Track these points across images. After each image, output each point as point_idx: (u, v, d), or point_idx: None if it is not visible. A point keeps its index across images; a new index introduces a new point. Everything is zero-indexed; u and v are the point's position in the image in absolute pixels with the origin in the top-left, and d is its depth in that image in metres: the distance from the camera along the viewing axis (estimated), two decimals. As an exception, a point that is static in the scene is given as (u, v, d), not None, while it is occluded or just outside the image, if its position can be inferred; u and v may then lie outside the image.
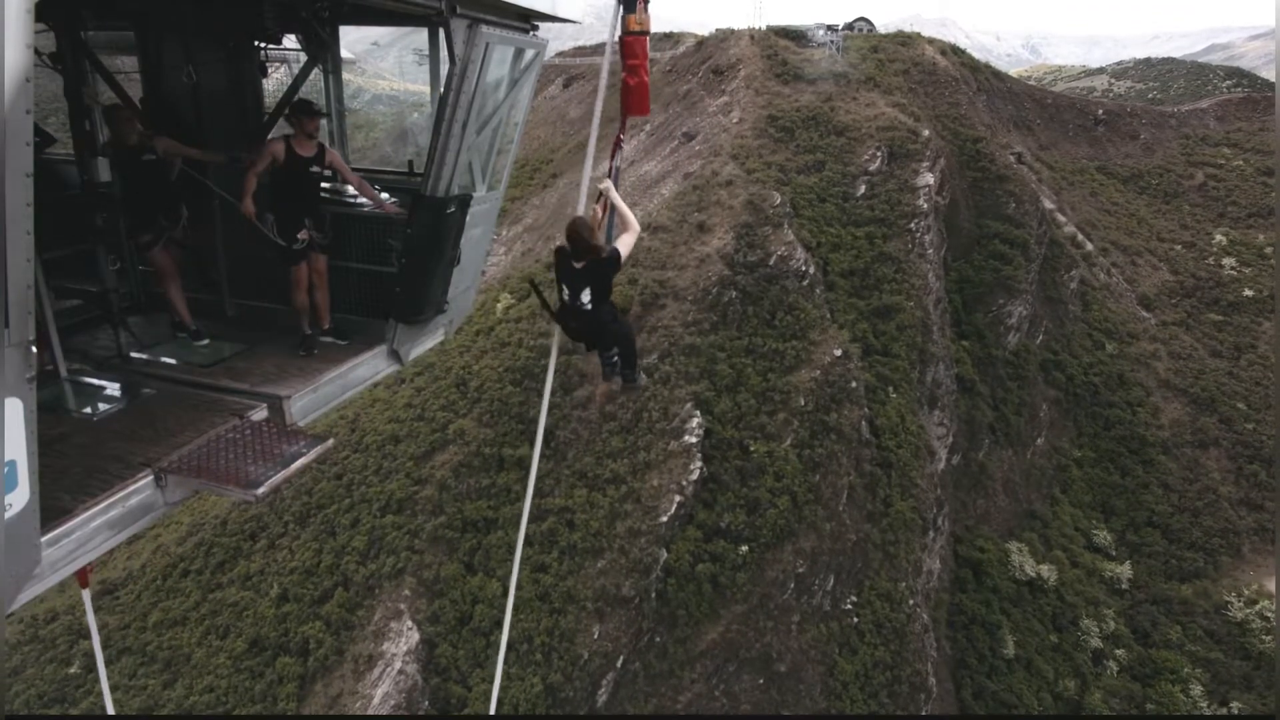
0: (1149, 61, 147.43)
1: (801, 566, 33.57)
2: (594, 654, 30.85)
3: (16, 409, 3.36)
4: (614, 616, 31.44)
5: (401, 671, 30.84)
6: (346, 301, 7.62)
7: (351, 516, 36.23)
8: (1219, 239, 69.02)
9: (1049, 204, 63.58)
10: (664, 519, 33.28)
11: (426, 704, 30.53)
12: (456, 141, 6.54)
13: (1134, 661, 41.57)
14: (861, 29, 78.19)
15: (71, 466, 4.83)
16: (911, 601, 35.88)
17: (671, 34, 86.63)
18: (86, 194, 6.56)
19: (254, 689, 31.81)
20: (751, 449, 35.70)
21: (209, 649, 33.60)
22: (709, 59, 66.50)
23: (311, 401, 6.46)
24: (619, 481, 34.53)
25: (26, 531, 3.68)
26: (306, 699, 31.40)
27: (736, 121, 54.10)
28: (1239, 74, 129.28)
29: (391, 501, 36.05)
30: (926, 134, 52.77)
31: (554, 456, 36.30)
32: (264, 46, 7.80)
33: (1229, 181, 75.80)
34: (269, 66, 7.92)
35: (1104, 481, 51.43)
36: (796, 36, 68.88)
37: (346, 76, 8.18)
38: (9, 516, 3.45)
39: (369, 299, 7.64)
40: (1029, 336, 53.55)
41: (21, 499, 3.52)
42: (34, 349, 3.41)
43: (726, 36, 69.74)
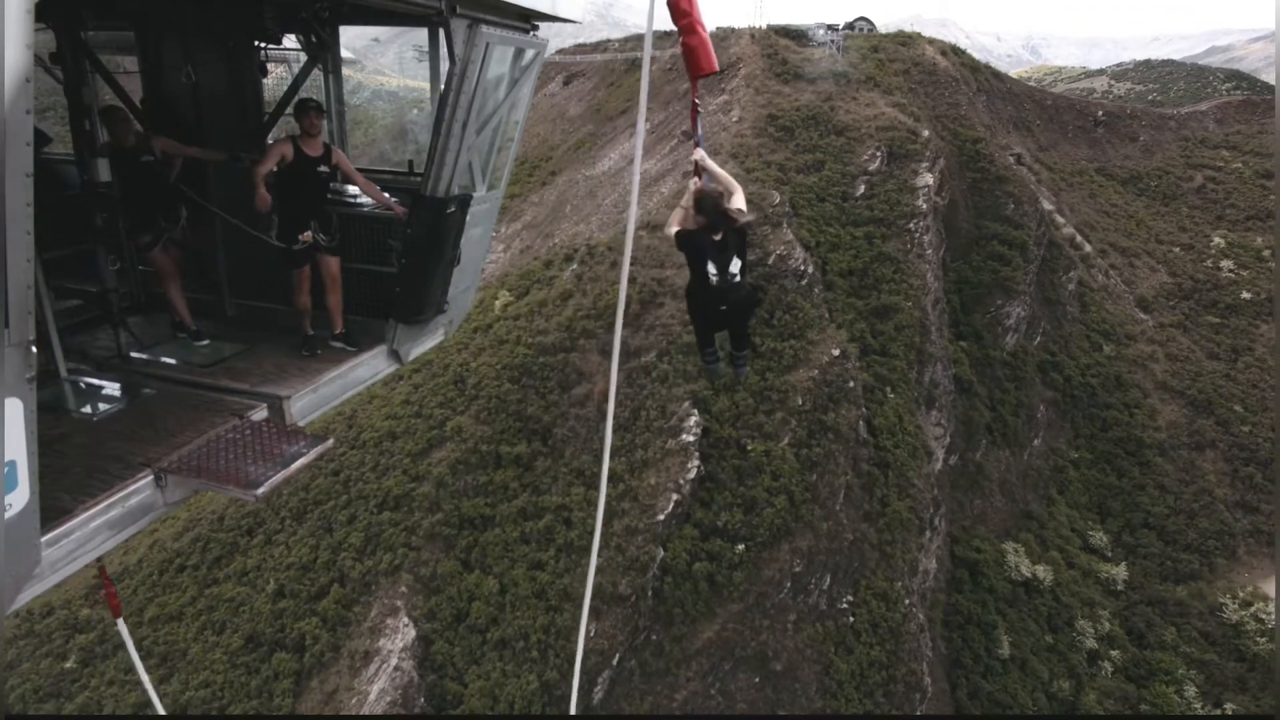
0: (1149, 63, 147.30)
1: (798, 566, 33.61)
2: (590, 651, 30.87)
3: (16, 409, 3.37)
4: (610, 614, 31.47)
5: (397, 668, 30.84)
6: (346, 301, 7.62)
7: (349, 513, 36.22)
8: (1217, 241, 69.11)
9: (1048, 205, 63.64)
10: (661, 517, 33.31)
11: (422, 700, 30.54)
12: (456, 141, 6.53)
13: (1129, 662, 41.65)
14: (862, 29, 78.13)
15: (71, 466, 4.83)
16: (907, 601, 35.93)
17: (672, 32, 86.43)
18: (86, 194, 6.54)
19: (250, 684, 31.80)
20: (749, 448, 35.72)
21: (205, 644, 33.57)
22: (709, 58, 66.32)
23: (311, 401, 6.46)
24: (616, 480, 34.53)
25: (26, 531, 3.68)
26: (302, 695, 31.40)
27: (736, 120, 54.09)
28: (1239, 76, 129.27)
29: (389, 498, 36.04)
30: (926, 134, 52.79)
31: (551, 454, 36.32)
32: (264, 46, 7.79)
33: (1228, 184, 75.89)
34: (269, 66, 7.91)
35: (1100, 483, 51.51)
36: (797, 36, 68.86)
37: (346, 73, 8.18)
38: (9, 516, 3.45)
39: (369, 299, 7.62)
40: (1027, 337, 53.59)
41: (21, 499, 3.52)
42: (34, 349, 3.42)
43: (727, 35, 69.65)
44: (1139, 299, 63.49)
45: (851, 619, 34.36)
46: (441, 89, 6.53)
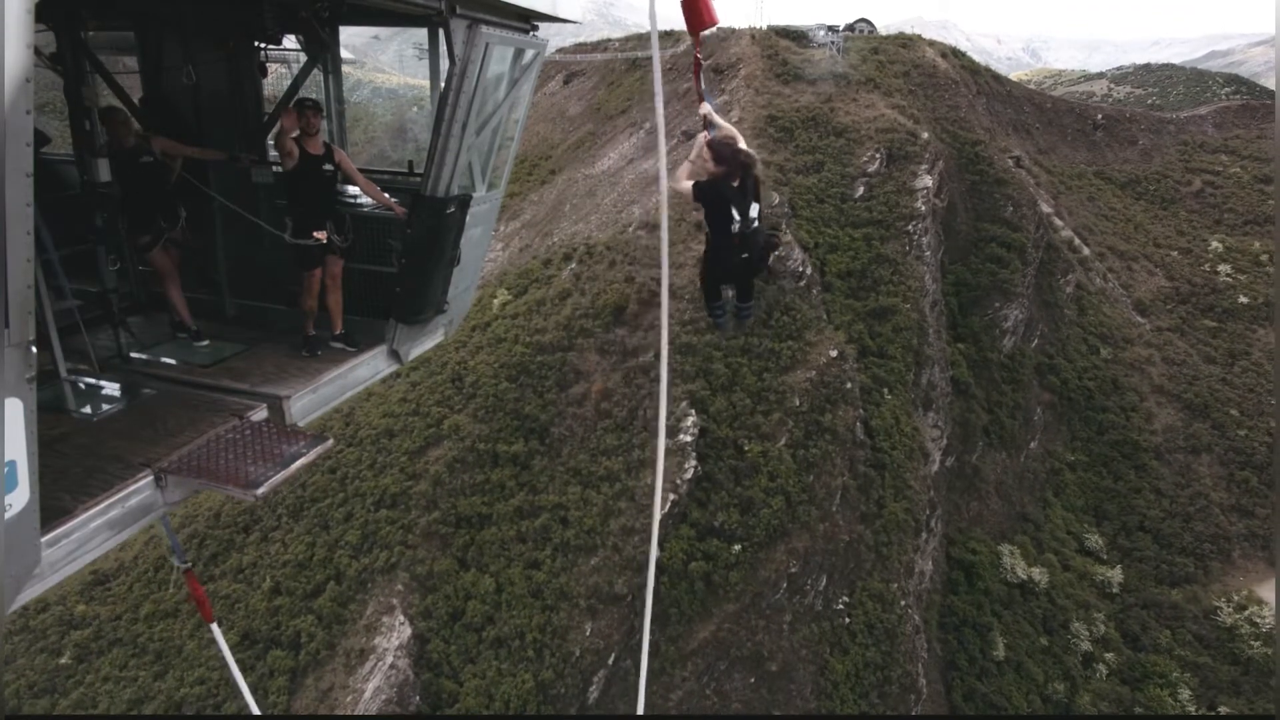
0: (1149, 67, 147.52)
1: (794, 566, 33.64)
2: (586, 651, 30.90)
3: (16, 409, 3.37)
4: (606, 614, 31.50)
5: (393, 666, 30.83)
6: (346, 301, 7.63)
7: (345, 510, 36.21)
8: (1215, 245, 69.21)
9: (1047, 208, 63.68)
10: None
11: (418, 699, 30.54)
12: (456, 141, 6.54)
13: (1123, 665, 41.74)
14: (862, 30, 78.19)
15: (71, 466, 4.84)
16: (903, 602, 35.97)
17: (672, 32, 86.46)
18: (86, 194, 6.55)
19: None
20: (746, 449, 35.75)
21: (200, 641, 33.55)
22: (709, 58, 66.43)
23: (311, 401, 6.47)
24: (613, 479, 34.56)
25: (26, 531, 3.68)
26: (298, 692, 31.40)
27: (736, 121, 54.02)
28: (1238, 81, 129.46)
29: (385, 496, 36.03)
30: (926, 136, 52.82)
31: (548, 453, 36.33)
32: (264, 46, 7.79)
33: (1226, 188, 76.00)
34: (269, 66, 7.91)
35: (1096, 486, 51.59)
36: (797, 37, 68.84)
37: (345, 70, 8.18)
38: (9, 516, 3.46)
39: (369, 299, 7.63)
40: (1024, 340, 53.65)
41: (21, 499, 3.53)
42: (34, 349, 3.42)
43: (727, 35, 69.64)
44: (1136, 302, 63.57)
45: (847, 620, 34.41)
46: (441, 89, 6.54)
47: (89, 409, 5.79)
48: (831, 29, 72.11)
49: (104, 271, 6.65)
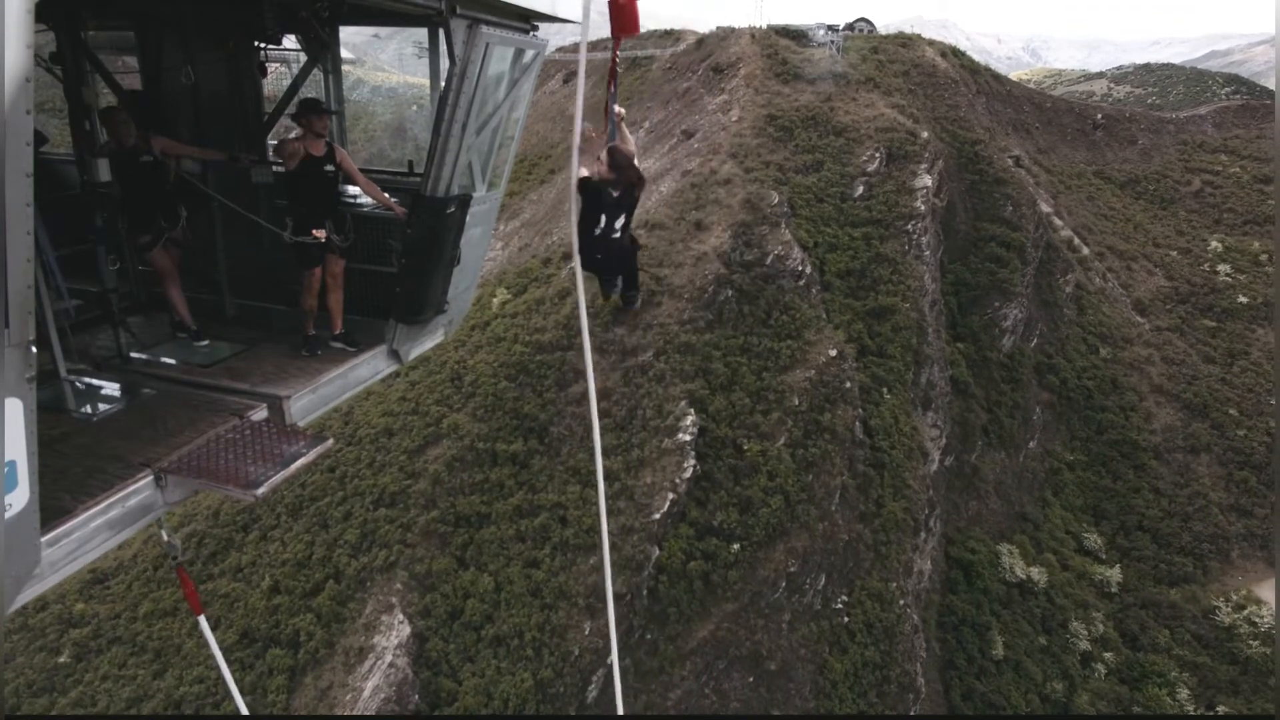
0: (1149, 67, 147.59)
1: (793, 566, 33.65)
2: (585, 650, 30.90)
3: (16, 409, 3.36)
4: (605, 613, 31.44)
5: (392, 665, 30.84)
6: (346, 301, 7.63)
7: (344, 509, 36.21)
8: (1214, 245, 69.30)
9: (1046, 208, 63.72)
10: (656, 516, 33.33)
11: (416, 698, 30.55)
12: (456, 141, 6.52)
13: (1122, 665, 41.80)
14: (862, 29, 78.19)
15: (71, 466, 4.83)
16: (902, 602, 36.00)
17: (672, 31, 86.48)
18: (86, 194, 6.54)
19: (244, 680, 31.77)
20: (745, 448, 35.76)
21: (199, 640, 33.54)
22: (709, 57, 66.41)
23: (311, 401, 6.47)
24: (612, 478, 34.54)
25: (26, 531, 3.68)
26: (297, 691, 31.40)
27: (735, 120, 54.05)
28: (1238, 81, 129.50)
29: (384, 495, 36.03)
30: (925, 136, 52.82)
31: (547, 452, 36.33)
32: (264, 46, 7.78)
33: (1225, 188, 76.09)
34: (269, 66, 7.91)
35: (1095, 485, 51.64)
36: (797, 36, 68.81)
37: (345, 69, 8.17)
38: (9, 516, 3.45)
39: (369, 299, 7.62)
40: (1024, 339, 53.68)
41: (21, 499, 3.53)
42: (34, 349, 3.42)
43: (727, 35, 69.66)
44: (1136, 302, 63.63)
45: (846, 619, 34.43)
46: (441, 89, 6.53)
47: (89, 409, 5.79)
48: (831, 28, 72.07)
49: (104, 271, 6.64)
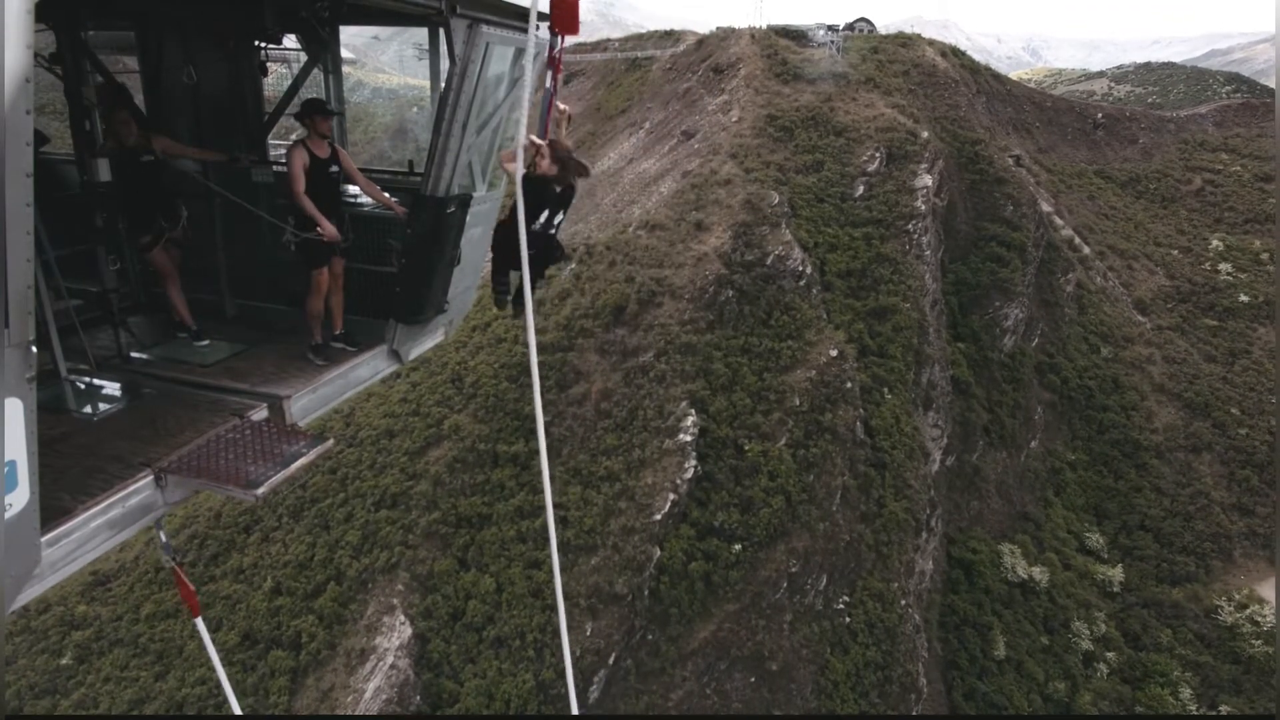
0: (1149, 66, 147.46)
1: (794, 566, 33.64)
2: (586, 651, 30.89)
3: (16, 409, 3.36)
4: (607, 614, 31.49)
5: (394, 666, 30.85)
6: (346, 301, 7.62)
7: (345, 511, 36.22)
8: (1215, 244, 69.24)
9: (1047, 207, 63.70)
10: (658, 517, 33.32)
11: (418, 699, 30.55)
12: (456, 141, 6.53)
13: (1124, 664, 41.76)
14: (862, 29, 78.16)
15: (71, 466, 4.82)
16: (903, 602, 35.98)
17: (672, 31, 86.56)
18: (86, 194, 6.54)
19: (246, 682, 31.79)
20: (746, 448, 35.75)
21: (201, 642, 33.52)
22: (709, 57, 66.43)
23: (311, 401, 6.46)
24: (613, 479, 34.56)
25: (26, 531, 3.68)
26: (298, 693, 31.40)
27: (736, 120, 54.06)
28: (1238, 80, 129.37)
29: (386, 496, 36.04)
30: (925, 136, 52.80)
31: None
32: (264, 46, 7.78)
33: (1226, 187, 76.02)
34: (269, 66, 7.90)
35: (1097, 485, 51.60)
36: (797, 36, 68.87)
37: (345, 70, 8.17)
38: (9, 516, 3.45)
39: (369, 299, 7.62)
40: (1025, 339, 53.65)
41: (21, 499, 3.52)
42: (34, 349, 3.42)
43: (727, 35, 69.70)
44: (1137, 301, 63.57)
45: (847, 619, 34.41)
46: (441, 89, 6.53)
47: (89, 409, 5.78)
48: (831, 28, 72.12)
49: (104, 271, 6.64)
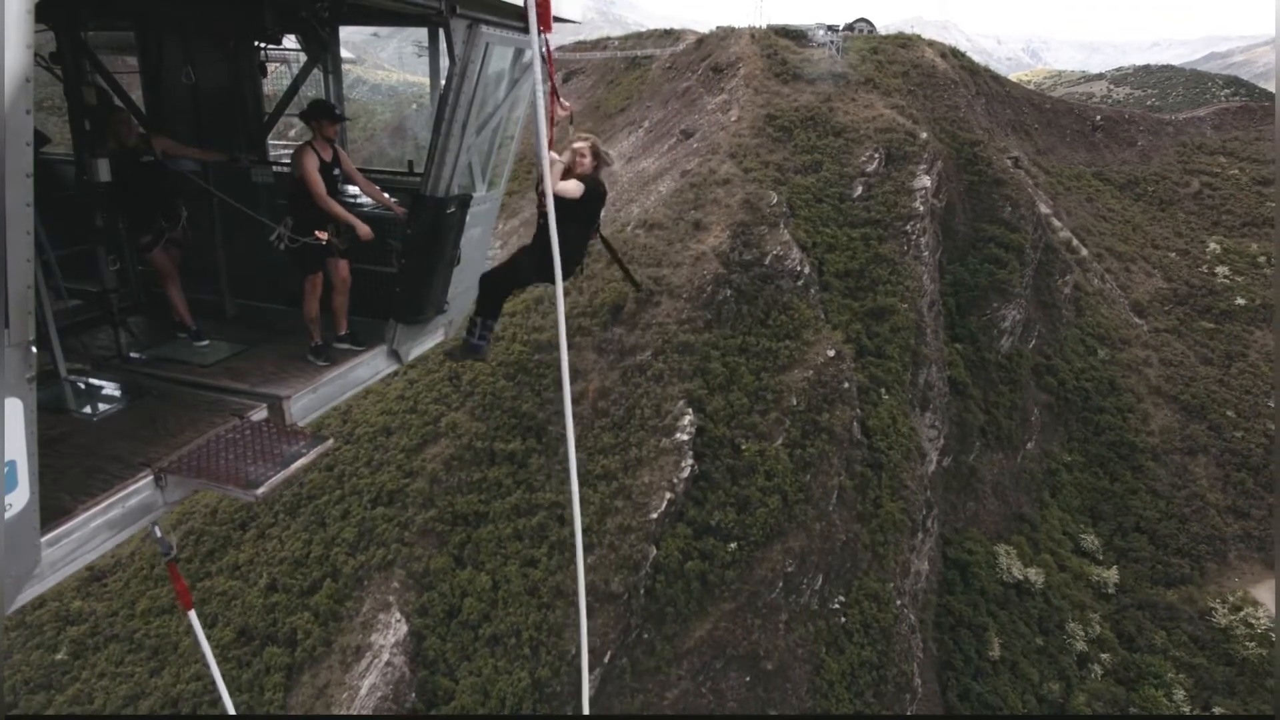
0: (1148, 68, 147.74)
1: (790, 566, 33.67)
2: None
3: (16, 409, 3.37)
4: (603, 612, 31.50)
5: (389, 663, 30.85)
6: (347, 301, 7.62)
7: (342, 508, 36.21)
8: (1213, 247, 69.32)
9: (1045, 209, 63.75)
10: (654, 516, 33.34)
11: (414, 696, 30.57)
12: (456, 141, 6.52)
13: (1118, 665, 41.86)
14: (862, 30, 78.14)
15: (71, 466, 4.82)
16: (899, 602, 36.04)
17: (672, 30, 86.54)
18: (86, 194, 6.53)
19: (241, 678, 31.80)
20: (743, 448, 35.77)
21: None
22: (709, 56, 66.43)
23: (311, 401, 6.46)
24: (610, 477, 34.57)
25: (26, 531, 3.68)
26: (294, 689, 31.40)
27: (735, 120, 54.07)
28: (1237, 83, 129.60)
29: (382, 493, 36.04)
30: (924, 136, 52.84)
31: (545, 451, 36.34)
32: (264, 46, 7.77)
33: (1224, 190, 76.10)
34: (269, 66, 7.90)
35: (1093, 486, 51.70)
36: (797, 36, 68.86)
37: (345, 67, 8.17)
38: (9, 516, 3.45)
39: (369, 299, 7.61)
40: (1022, 340, 53.72)
41: (21, 499, 3.52)
42: (34, 349, 3.42)
43: (727, 34, 69.69)
44: (1134, 303, 63.68)
45: (843, 619, 34.46)
46: (441, 89, 6.53)
47: (89, 409, 5.78)
48: (831, 28, 72.08)
49: (104, 271, 6.64)
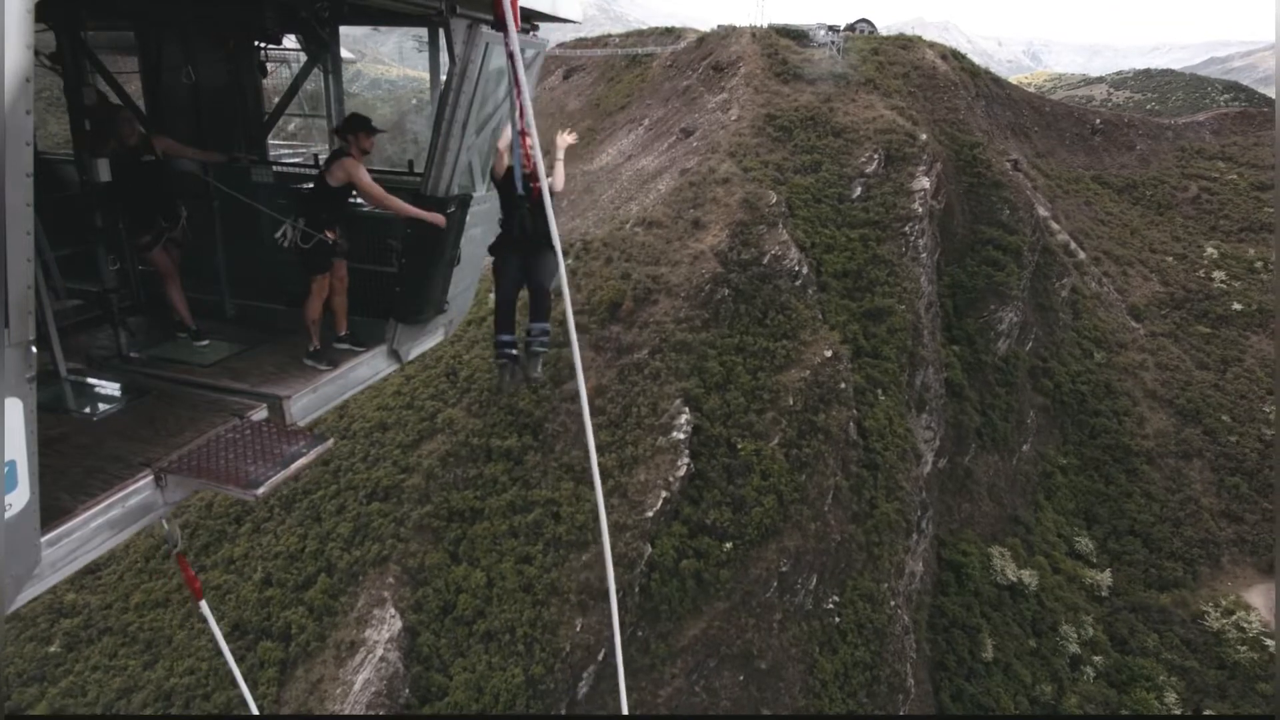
0: (1148, 72, 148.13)
1: (785, 565, 33.74)
2: (576, 646, 30.96)
3: (16, 409, 3.37)
4: (597, 610, 31.54)
5: (383, 659, 30.86)
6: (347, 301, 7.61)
7: (337, 503, 36.21)
8: (1210, 252, 69.39)
9: (1043, 211, 63.78)
10: (650, 514, 33.38)
11: (407, 691, 30.58)
12: (456, 141, 6.53)
13: (1110, 668, 41.96)
14: (863, 30, 78.12)
15: (71, 466, 4.83)
16: (893, 603, 36.11)
17: (673, 28, 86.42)
18: (86, 194, 6.53)
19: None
20: (739, 447, 35.82)
21: (190, 631, 33.55)
22: (709, 55, 66.41)
23: (311, 401, 6.45)
24: (606, 476, 34.57)
25: (26, 531, 3.68)
26: (287, 684, 31.41)
27: (735, 119, 54.06)
28: (1236, 88, 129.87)
29: (378, 489, 36.03)
30: (924, 138, 52.86)
31: (542, 449, 36.35)
32: (264, 46, 7.77)
33: (1222, 195, 76.12)
34: (269, 66, 7.90)
35: (1088, 489, 51.79)
36: (797, 36, 68.86)
37: (344, 65, 8.16)
38: (9, 516, 3.46)
39: (369, 299, 7.62)
40: (1019, 343, 53.80)
41: (21, 499, 3.53)
42: (34, 349, 3.43)
43: (728, 34, 69.67)
44: (1131, 307, 63.74)
45: (837, 619, 34.53)
46: (441, 88, 6.54)
47: (89, 409, 5.79)
48: (832, 29, 72.06)
49: (104, 271, 6.64)
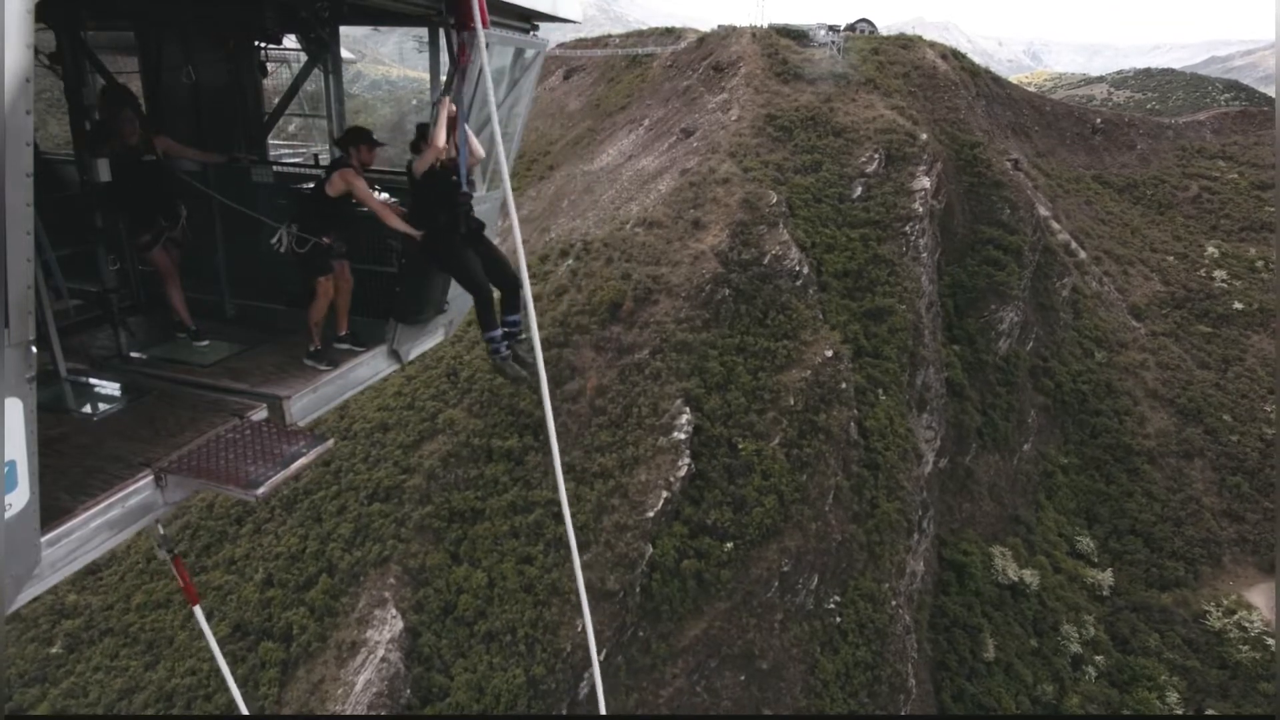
0: (1149, 72, 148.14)
1: (786, 565, 33.72)
2: (577, 647, 30.95)
3: (16, 409, 3.38)
4: (598, 610, 31.52)
5: (384, 659, 30.86)
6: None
7: (338, 503, 36.21)
8: (1211, 251, 69.40)
9: (1044, 211, 63.76)
10: (651, 514, 33.38)
11: (409, 692, 30.57)
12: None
13: (1112, 667, 41.94)
14: (863, 30, 78.11)
15: (71, 466, 4.83)
16: (894, 603, 36.08)
17: (673, 29, 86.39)
18: (86, 194, 6.53)
19: (236, 673, 31.75)
20: (740, 447, 35.81)
21: (192, 632, 33.53)
22: (710, 55, 66.39)
23: (311, 401, 6.45)
24: (607, 476, 34.61)
25: (26, 531, 3.69)
26: (289, 685, 31.40)
27: (735, 119, 54.05)
28: (1237, 87, 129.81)
29: (379, 489, 36.03)
30: (924, 138, 52.84)
31: (542, 449, 36.32)
32: (264, 46, 7.77)
33: (1223, 194, 76.13)
34: (269, 66, 7.90)
35: (1089, 489, 51.77)
36: (798, 36, 68.85)
37: (344, 65, 8.16)
38: (9, 516, 3.46)
39: (369, 299, 7.61)
40: (1019, 342, 53.78)
41: (21, 499, 3.54)
42: (34, 349, 3.43)
43: (728, 33, 69.65)
44: (1132, 307, 63.72)
45: (838, 619, 34.51)
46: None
47: (89, 409, 5.79)
48: (832, 29, 72.04)
49: (104, 271, 6.64)
